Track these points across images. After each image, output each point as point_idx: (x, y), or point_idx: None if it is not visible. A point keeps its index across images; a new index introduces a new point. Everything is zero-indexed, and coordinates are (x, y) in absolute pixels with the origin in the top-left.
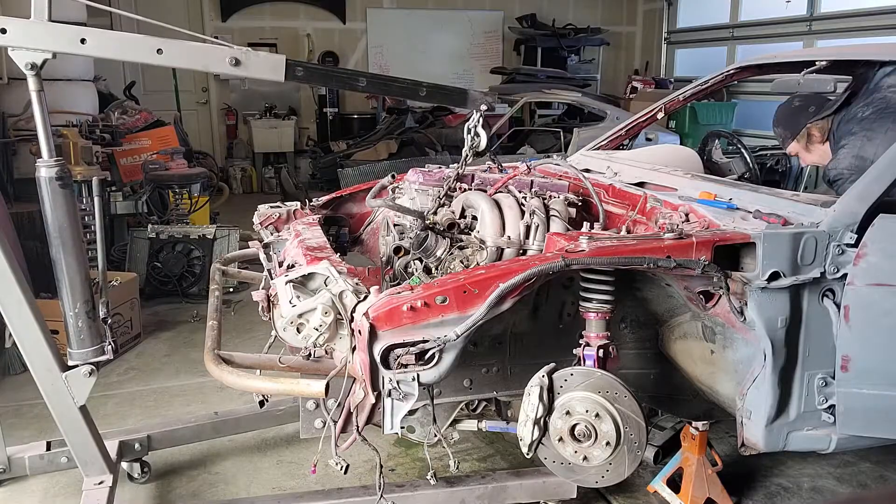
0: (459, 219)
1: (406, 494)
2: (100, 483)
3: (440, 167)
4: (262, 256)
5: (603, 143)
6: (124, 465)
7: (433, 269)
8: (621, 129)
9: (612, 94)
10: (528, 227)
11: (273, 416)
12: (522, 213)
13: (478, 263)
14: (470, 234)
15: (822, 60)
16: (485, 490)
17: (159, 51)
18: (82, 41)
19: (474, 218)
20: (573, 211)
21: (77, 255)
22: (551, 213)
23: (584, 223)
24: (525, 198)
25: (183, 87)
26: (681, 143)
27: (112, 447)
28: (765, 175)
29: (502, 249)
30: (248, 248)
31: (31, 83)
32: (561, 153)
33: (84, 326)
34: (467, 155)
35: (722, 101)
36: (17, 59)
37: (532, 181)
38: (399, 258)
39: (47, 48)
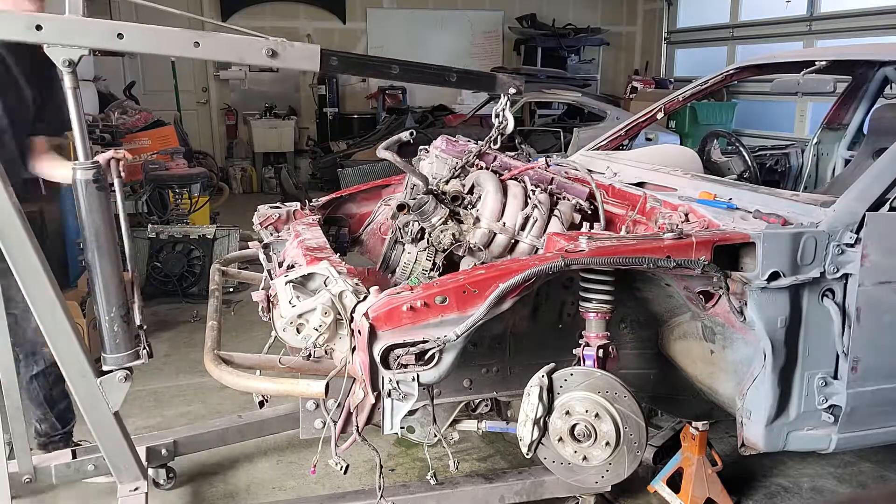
0: (467, 194)
1: (446, 492)
2: (135, 489)
3: (468, 140)
4: (261, 257)
5: (603, 143)
6: (150, 471)
7: (426, 234)
8: (621, 129)
9: (612, 94)
10: (526, 219)
11: (297, 418)
12: (527, 204)
13: (468, 242)
14: (470, 211)
15: (822, 60)
16: (523, 485)
17: (196, 44)
18: (119, 36)
19: (481, 198)
20: (578, 217)
21: (112, 258)
22: (555, 212)
23: (584, 223)
24: (534, 191)
25: (183, 87)
26: (681, 143)
27: (139, 453)
28: (764, 175)
29: (495, 234)
30: (248, 248)
31: (68, 80)
32: (561, 153)
33: (119, 331)
34: (494, 136)
35: (722, 101)
36: (53, 56)
37: (553, 178)
38: (401, 215)
39: (84, 44)
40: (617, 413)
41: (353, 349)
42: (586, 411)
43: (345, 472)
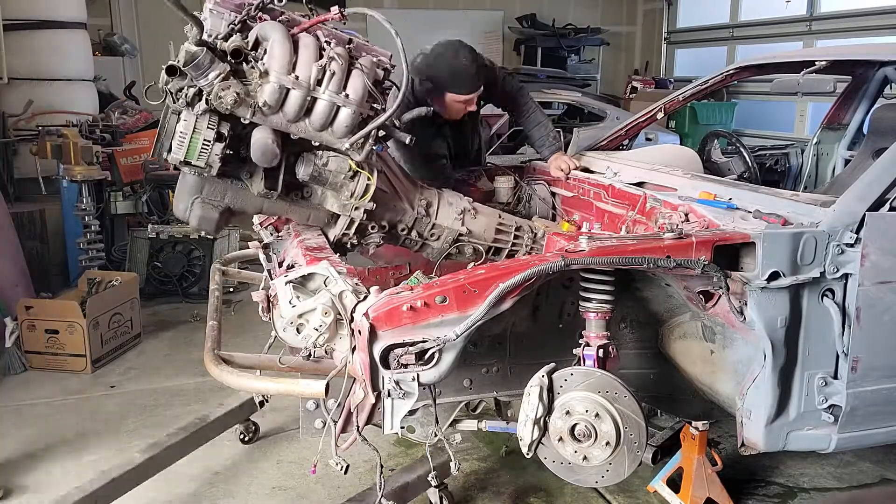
0: (251, 51)
1: None
2: None
3: None
4: (261, 257)
5: (603, 143)
6: None
7: (204, 97)
8: (621, 129)
9: (612, 94)
10: (323, 72)
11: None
12: (321, 57)
13: (256, 102)
14: (256, 65)
15: (821, 60)
16: None
17: None
18: None
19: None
20: (381, 73)
21: None
22: (356, 65)
23: (584, 223)
24: (329, 43)
25: None
26: (681, 143)
27: None
28: (764, 175)
29: (287, 90)
30: (248, 248)
31: None
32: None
33: None
34: None
35: (722, 101)
36: None
37: (351, 39)
38: (173, 80)
39: None
40: (617, 413)
41: (354, 349)
42: (586, 411)
43: (345, 472)
